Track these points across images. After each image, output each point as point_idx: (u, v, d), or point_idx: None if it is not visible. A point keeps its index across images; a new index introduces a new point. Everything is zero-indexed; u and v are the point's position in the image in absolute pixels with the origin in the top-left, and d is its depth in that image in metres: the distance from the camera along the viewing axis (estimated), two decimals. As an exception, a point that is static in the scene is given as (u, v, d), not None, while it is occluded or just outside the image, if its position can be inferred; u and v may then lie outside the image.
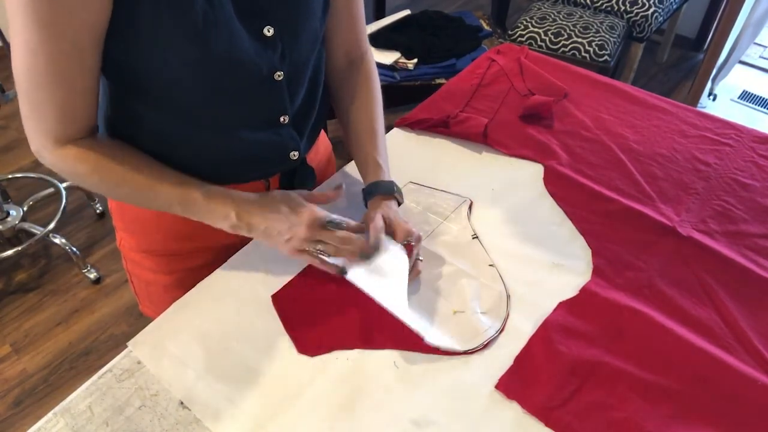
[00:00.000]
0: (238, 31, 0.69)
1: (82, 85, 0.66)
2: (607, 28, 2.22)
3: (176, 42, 0.65)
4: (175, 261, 0.89)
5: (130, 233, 0.89)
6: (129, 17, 0.63)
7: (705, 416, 0.69)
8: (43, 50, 0.61)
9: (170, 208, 0.75)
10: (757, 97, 2.76)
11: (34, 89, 0.65)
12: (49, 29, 0.59)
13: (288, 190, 0.91)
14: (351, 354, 0.75)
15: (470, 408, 0.69)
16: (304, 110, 0.84)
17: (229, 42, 0.68)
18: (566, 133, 1.09)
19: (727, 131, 1.09)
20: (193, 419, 0.68)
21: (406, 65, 2.04)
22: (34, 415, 1.68)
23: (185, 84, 0.70)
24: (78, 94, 0.67)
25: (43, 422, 0.68)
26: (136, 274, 0.95)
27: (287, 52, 0.75)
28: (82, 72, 0.65)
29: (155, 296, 0.95)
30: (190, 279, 0.84)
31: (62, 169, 0.72)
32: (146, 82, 0.70)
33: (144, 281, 0.95)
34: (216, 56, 0.68)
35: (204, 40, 0.66)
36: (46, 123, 0.68)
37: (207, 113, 0.75)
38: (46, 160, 0.71)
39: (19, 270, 2.07)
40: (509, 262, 0.86)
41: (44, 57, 0.61)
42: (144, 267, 0.92)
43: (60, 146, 0.70)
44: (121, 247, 0.93)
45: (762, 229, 0.91)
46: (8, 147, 2.56)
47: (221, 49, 0.68)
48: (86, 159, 0.71)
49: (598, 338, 0.76)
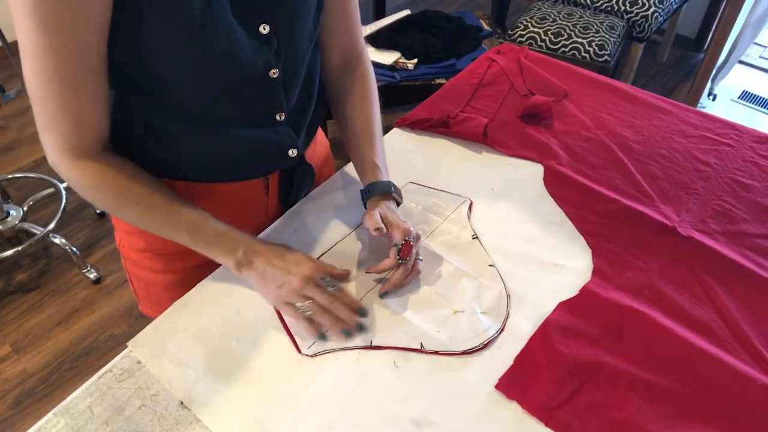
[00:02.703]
0: (235, 29, 0.69)
1: (92, 87, 0.66)
2: (607, 28, 2.22)
3: (175, 41, 0.65)
4: (175, 260, 0.89)
5: (130, 233, 0.89)
6: (129, 16, 0.63)
7: (705, 416, 0.69)
8: (50, 53, 0.61)
9: (178, 232, 0.75)
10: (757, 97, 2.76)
11: (46, 98, 0.65)
12: (54, 30, 0.60)
13: (288, 188, 0.92)
14: (351, 354, 0.75)
15: (470, 408, 0.69)
16: (301, 108, 0.85)
17: (226, 40, 0.68)
18: (566, 133, 1.09)
19: (727, 131, 1.09)
20: (193, 419, 0.68)
21: (406, 65, 2.04)
22: (34, 415, 1.68)
23: (183, 82, 0.70)
24: (88, 99, 0.67)
25: (43, 422, 0.68)
26: (136, 274, 0.95)
27: (282, 50, 0.75)
28: (90, 74, 0.65)
29: (155, 296, 0.95)
30: (191, 278, 0.84)
31: (77, 184, 0.72)
32: (145, 81, 0.70)
33: (144, 281, 0.94)
34: (213, 54, 0.68)
35: (202, 38, 0.66)
36: (59, 133, 0.68)
37: (204, 111, 0.75)
38: (62, 173, 0.71)
39: (19, 270, 2.07)
40: (509, 262, 0.86)
41: (52, 60, 0.62)
42: (144, 267, 0.92)
43: (76, 159, 0.70)
44: (120, 247, 0.93)
45: (762, 229, 0.91)
46: (8, 147, 2.55)
47: (219, 47, 0.68)
48: (104, 176, 0.72)
49: (598, 338, 0.76)
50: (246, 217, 0.89)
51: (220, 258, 0.76)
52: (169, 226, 0.76)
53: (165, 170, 0.80)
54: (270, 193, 0.90)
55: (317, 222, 0.91)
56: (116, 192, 0.73)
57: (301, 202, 0.94)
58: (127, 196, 0.73)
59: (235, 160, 0.82)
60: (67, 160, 0.70)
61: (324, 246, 0.87)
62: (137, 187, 0.73)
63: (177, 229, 0.75)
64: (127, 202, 0.74)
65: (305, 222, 0.91)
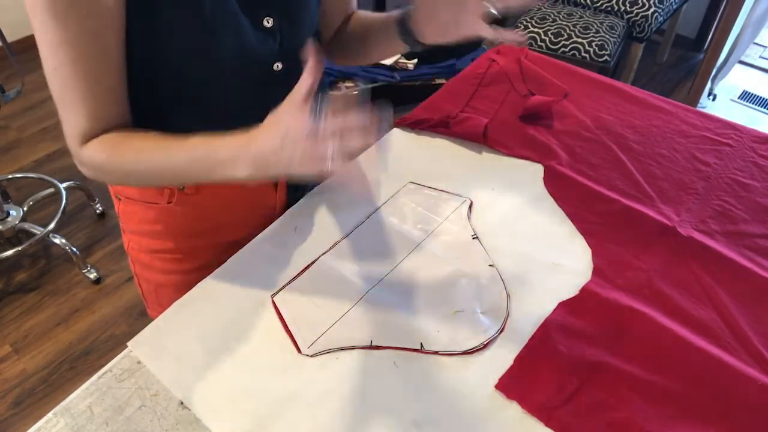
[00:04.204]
0: (243, 23, 0.69)
1: (109, 82, 0.66)
2: (607, 28, 2.22)
3: (186, 36, 0.66)
4: (186, 260, 0.89)
5: (140, 235, 0.89)
6: (143, 12, 0.63)
7: (705, 416, 0.69)
8: (67, 47, 0.61)
9: (187, 168, 0.68)
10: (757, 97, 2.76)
11: (64, 91, 0.64)
12: (69, 22, 0.59)
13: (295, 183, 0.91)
14: (351, 354, 0.75)
15: (470, 408, 0.69)
16: None
17: (235, 34, 0.68)
18: (566, 133, 1.09)
19: (727, 131, 1.09)
20: (193, 419, 0.68)
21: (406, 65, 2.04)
22: (34, 415, 1.68)
23: (194, 77, 0.70)
24: (105, 92, 0.66)
25: (43, 422, 0.68)
26: (145, 276, 0.94)
27: (286, 43, 0.75)
28: (107, 69, 0.65)
29: (165, 298, 0.94)
30: (201, 278, 0.83)
31: (89, 166, 0.70)
32: (155, 76, 0.70)
33: (154, 284, 0.94)
34: (224, 48, 0.68)
35: (213, 33, 0.66)
36: (77, 127, 0.67)
37: (212, 106, 0.75)
38: (78, 164, 0.70)
39: (19, 270, 2.07)
40: (509, 262, 0.86)
41: (68, 54, 0.61)
42: (154, 269, 0.91)
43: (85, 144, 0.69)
44: (129, 249, 0.92)
45: (762, 229, 0.91)
46: (8, 147, 2.56)
47: (229, 42, 0.68)
48: (103, 146, 0.69)
49: (598, 338, 0.76)
50: (255, 211, 0.89)
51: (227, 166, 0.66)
52: (175, 168, 0.68)
53: None
54: (279, 187, 0.90)
55: (317, 222, 0.91)
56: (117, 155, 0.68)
57: (301, 202, 0.94)
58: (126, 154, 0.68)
59: None
60: (78, 149, 0.69)
61: (324, 246, 0.87)
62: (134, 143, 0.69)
63: (185, 168, 0.68)
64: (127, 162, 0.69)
65: (305, 222, 0.91)
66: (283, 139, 0.59)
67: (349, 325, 0.77)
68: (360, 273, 0.84)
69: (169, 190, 0.83)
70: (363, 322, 0.78)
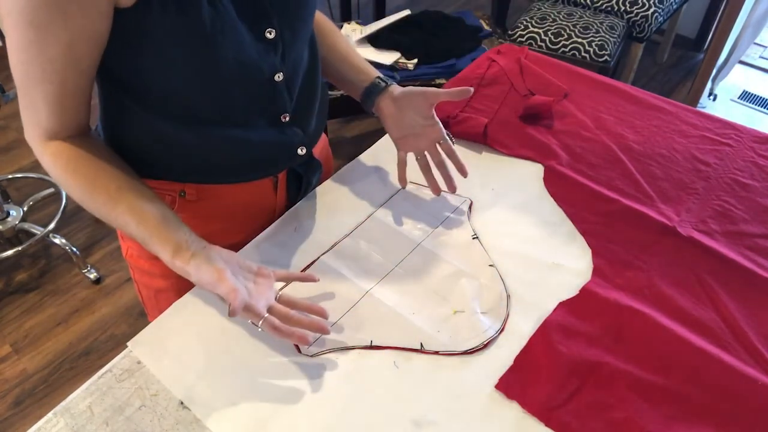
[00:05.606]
0: (243, 35, 0.69)
1: (75, 85, 0.66)
2: (607, 28, 2.22)
3: (185, 51, 0.66)
4: None
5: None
6: (137, 28, 0.63)
7: (705, 416, 0.69)
8: (37, 51, 0.61)
9: (124, 228, 0.72)
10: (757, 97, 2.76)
11: (28, 84, 0.65)
12: (44, 32, 0.59)
13: (296, 184, 0.92)
14: (351, 354, 0.75)
15: (470, 408, 0.69)
16: (304, 105, 0.85)
17: (235, 47, 0.68)
18: (566, 133, 1.09)
19: (727, 131, 1.09)
20: (193, 419, 0.68)
21: (406, 65, 2.04)
22: (34, 415, 1.68)
23: (192, 90, 0.70)
24: (69, 94, 0.67)
25: (43, 422, 0.68)
26: (145, 283, 0.93)
27: (287, 53, 0.75)
28: (75, 74, 0.65)
29: (165, 303, 0.94)
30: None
31: (45, 165, 0.71)
32: (153, 89, 0.70)
33: (154, 290, 0.93)
34: (223, 61, 0.68)
35: (212, 47, 0.66)
36: (37, 116, 0.68)
37: (211, 117, 0.75)
38: (35, 152, 0.72)
39: (19, 270, 2.07)
40: (509, 262, 0.85)
41: (37, 57, 0.61)
42: (154, 274, 0.90)
43: (46, 141, 0.70)
44: (128, 257, 0.92)
45: (762, 229, 0.91)
46: (8, 147, 2.56)
47: (229, 55, 0.68)
48: (60, 156, 0.70)
49: (598, 338, 0.76)
50: (254, 214, 0.89)
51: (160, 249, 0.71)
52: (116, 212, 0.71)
53: (172, 173, 0.80)
54: (279, 190, 0.90)
55: (317, 222, 0.91)
56: (73, 175, 0.70)
57: (300, 202, 0.94)
58: (81, 178, 0.70)
59: (243, 162, 0.82)
60: (38, 140, 0.70)
61: (324, 246, 0.87)
62: (91, 169, 0.70)
63: (125, 220, 0.71)
64: (80, 186, 0.71)
65: (305, 222, 0.91)
66: (206, 285, 0.68)
67: (349, 325, 0.77)
68: (360, 273, 0.84)
69: (170, 198, 0.83)
70: (363, 322, 0.78)
